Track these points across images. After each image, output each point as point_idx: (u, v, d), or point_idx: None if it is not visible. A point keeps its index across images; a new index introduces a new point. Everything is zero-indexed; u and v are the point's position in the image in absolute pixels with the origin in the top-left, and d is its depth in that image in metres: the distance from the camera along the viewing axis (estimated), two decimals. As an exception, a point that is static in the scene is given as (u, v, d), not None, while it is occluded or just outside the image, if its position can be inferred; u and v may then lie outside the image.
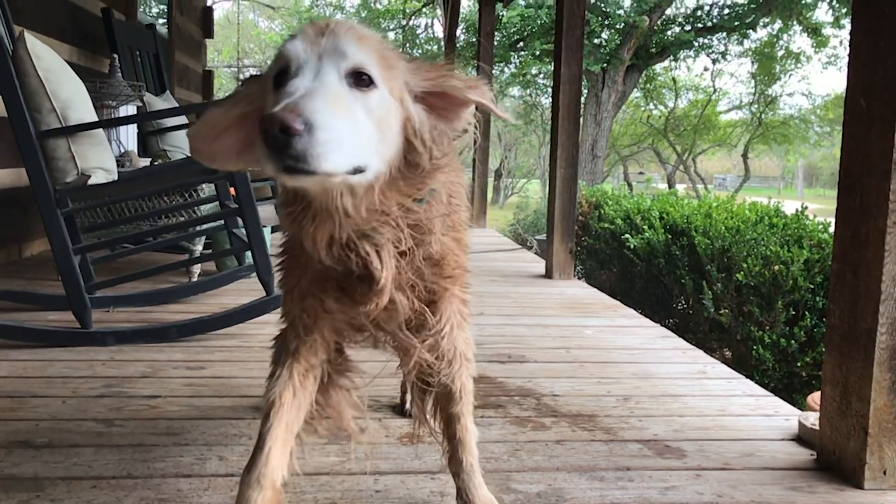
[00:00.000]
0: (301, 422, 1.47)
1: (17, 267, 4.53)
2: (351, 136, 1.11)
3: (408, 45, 20.99)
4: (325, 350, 1.48)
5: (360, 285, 1.33)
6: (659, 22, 16.97)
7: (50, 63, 2.97)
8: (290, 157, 1.03)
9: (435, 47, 20.11)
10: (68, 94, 3.02)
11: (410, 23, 21.08)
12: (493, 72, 8.57)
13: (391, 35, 21.46)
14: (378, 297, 1.33)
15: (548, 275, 4.98)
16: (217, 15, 10.59)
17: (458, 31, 12.42)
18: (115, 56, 5.04)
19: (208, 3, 10.13)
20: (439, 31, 19.84)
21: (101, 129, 3.23)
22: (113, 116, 4.71)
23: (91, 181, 3.00)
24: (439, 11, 15.08)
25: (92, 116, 3.20)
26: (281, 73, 1.17)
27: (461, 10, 10.70)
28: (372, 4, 21.40)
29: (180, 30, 8.32)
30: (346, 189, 1.17)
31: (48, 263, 4.08)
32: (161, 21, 8.82)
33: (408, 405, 2.13)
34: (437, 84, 1.28)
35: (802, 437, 2.20)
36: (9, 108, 2.82)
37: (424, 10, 20.62)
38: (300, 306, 1.42)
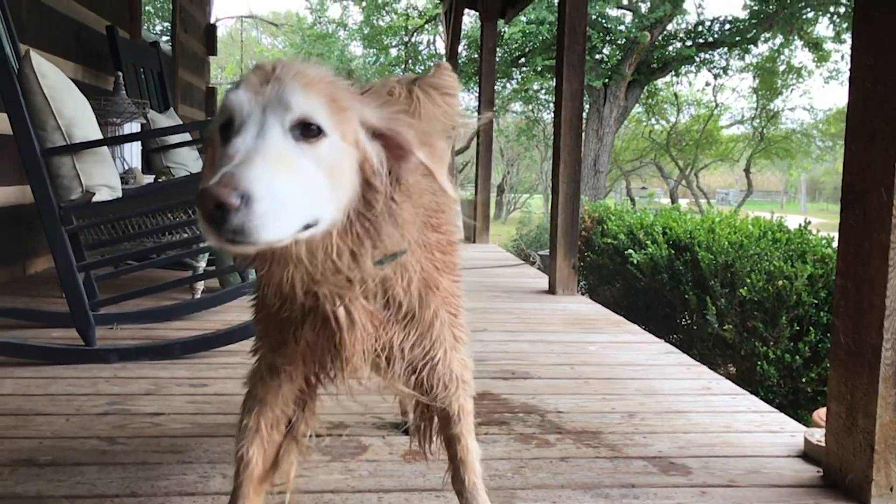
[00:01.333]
0: (270, 473, 1.49)
1: (22, 284, 4.53)
2: (296, 196, 1.06)
3: (410, 61, 21.11)
4: (293, 398, 1.46)
5: (327, 343, 1.31)
6: (660, 37, 17.05)
7: (55, 81, 2.99)
8: (228, 232, 0.98)
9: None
10: (73, 112, 3.03)
11: (412, 39, 21.21)
12: (496, 87, 8.60)
13: (393, 52, 21.62)
14: (345, 366, 1.32)
15: (551, 290, 4.97)
16: (220, 32, 10.66)
17: (460, 48, 12.48)
18: (119, 74, 5.07)
19: (211, 21, 10.20)
20: (441, 47, 19.95)
21: (105, 147, 3.24)
22: (117, 134, 4.74)
23: (95, 198, 3.01)
24: (441, 28, 15.18)
25: (96, 134, 3.22)
26: (226, 125, 1.13)
27: (463, 26, 10.76)
28: (374, 22, 21.54)
29: (184, 47, 8.37)
30: (299, 240, 1.12)
31: (52, 281, 4.09)
32: (165, 39, 8.90)
33: (408, 423, 2.10)
34: (389, 128, 1.22)
35: (808, 454, 2.18)
36: (14, 126, 2.84)
37: (426, 26, 20.76)
38: (267, 345, 1.43)
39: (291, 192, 1.06)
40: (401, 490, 1.90)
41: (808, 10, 16.98)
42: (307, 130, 1.11)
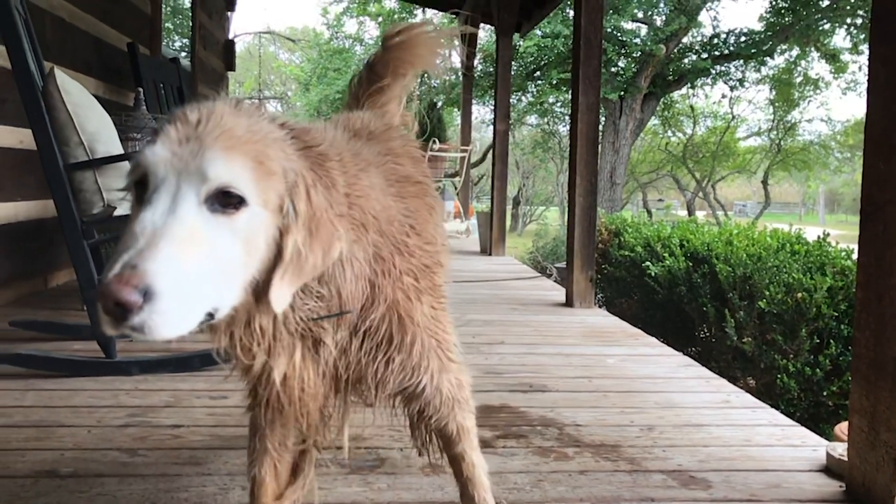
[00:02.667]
0: (287, 488, 1.51)
1: (43, 297, 4.58)
2: (204, 281, 1.00)
3: (426, 75, 21.18)
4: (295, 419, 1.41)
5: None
6: (676, 50, 17.06)
7: (78, 97, 3.04)
8: (129, 328, 0.94)
9: (453, 77, 20.28)
10: (95, 128, 3.08)
11: (428, 54, 21.27)
12: (511, 100, 8.61)
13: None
14: (302, 416, 1.31)
15: (568, 303, 4.96)
16: (238, 48, 10.76)
17: (476, 62, 12.54)
18: (140, 90, 5.13)
19: (230, 37, 10.31)
20: (457, 61, 20.01)
21: (126, 162, 3.28)
22: (138, 149, 4.79)
23: (116, 212, 3.05)
24: (457, 42, 15.20)
25: (118, 149, 3.26)
26: (141, 182, 1.07)
27: (479, 40, 10.81)
28: (390, 36, 21.64)
29: (203, 63, 8.47)
30: None
31: (73, 293, 4.13)
32: (184, 55, 9.00)
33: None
34: (291, 197, 1.12)
35: (830, 469, 2.16)
36: (38, 142, 2.89)
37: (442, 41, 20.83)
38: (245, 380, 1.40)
39: (199, 278, 1.00)
40: (419, 503, 1.90)
41: (825, 21, 16.93)
42: (227, 199, 1.04)
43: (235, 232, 1.04)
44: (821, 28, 17.19)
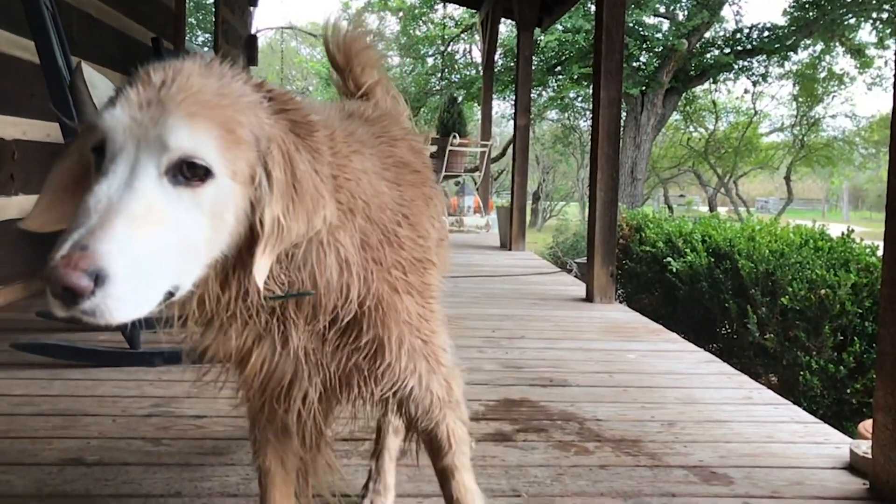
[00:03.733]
0: (301, 477, 1.46)
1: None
2: (162, 261, 0.93)
3: (446, 70, 21.19)
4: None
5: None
6: (698, 45, 16.90)
7: (104, 92, 3.07)
8: (79, 312, 0.87)
9: (473, 72, 20.28)
10: (121, 122, 3.11)
11: (449, 49, 21.30)
12: (531, 95, 8.59)
13: (430, 61, 21.71)
14: (268, 400, 1.25)
15: (588, 298, 4.95)
16: (261, 43, 10.82)
17: (497, 56, 12.51)
18: (164, 84, 5.18)
19: (252, 32, 10.37)
20: (478, 56, 20.01)
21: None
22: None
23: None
24: (478, 37, 15.24)
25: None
26: (98, 149, 0.98)
27: (499, 35, 10.79)
28: (411, 31, 21.69)
29: (226, 57, 8.52)
30: None
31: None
32: (207, 49, 9.05)
33: (381, 447, 1.87)
34: (266, 164, 1.04)
35: (854, 466, 2.14)
36: (66, 136, 2.93)
37: (463, 36, 20.84)
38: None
39: (157, 257, 0.92)
40: (439, 496, 1.89)
41: (850, 16, 16.70)
42: (191, 171, 0.95)
43: (200, 206, 0.96)
44: (846, 22, 16.96)
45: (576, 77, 17.52)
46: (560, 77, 18.55)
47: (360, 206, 1.16)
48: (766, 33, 17.09)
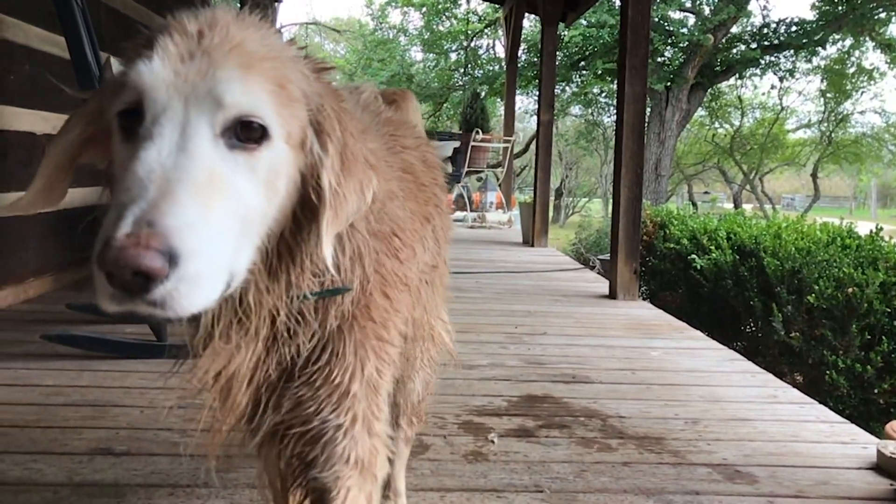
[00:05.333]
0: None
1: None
2: (228, 238, 0.82)
3: (470, 65, 21.16)
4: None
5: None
6: (724, 40, 16.74)
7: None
8: (146, 303, 0.75)
9: (497, 67, 20.22)
10: (149, 117, 3.15)
11: (472, 44, 21.27)
12: (555, 90, 8.54)
13: (453, 56, 21.70)
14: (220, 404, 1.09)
15: (612, 295, 4.93)
16: (285, 38, 10.82)
17: (520, 51, 12.47)
18: (190, 79, 5.23)
19: (277, 27, 10.42)
20: (501, 51, 19.96)
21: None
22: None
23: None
24: (501, 32, 15.21)
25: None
26: (129, 112, 0.85)
27: (523, 30, 10.75)
28: (435, 27, 21.68)
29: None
30: None
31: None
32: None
33: None
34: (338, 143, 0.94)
35: (881, 467, 2.12)
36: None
37: (486, 31, 20.79)
38: None
39: (223, 234, 0.81)
40: (462, 490, 1.92)
41: (881, 10, 16.41)
42: (247, 132, 0.85)
43: (256, 172, 0.85)
44: (876, 17, 16.68)
45: (600, 72, 17.41)
46: (584, 72, 18.45)
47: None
48: (793, 28, 16.88)
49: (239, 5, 8.58)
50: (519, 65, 12.32)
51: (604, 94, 20.58)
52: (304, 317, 1.02)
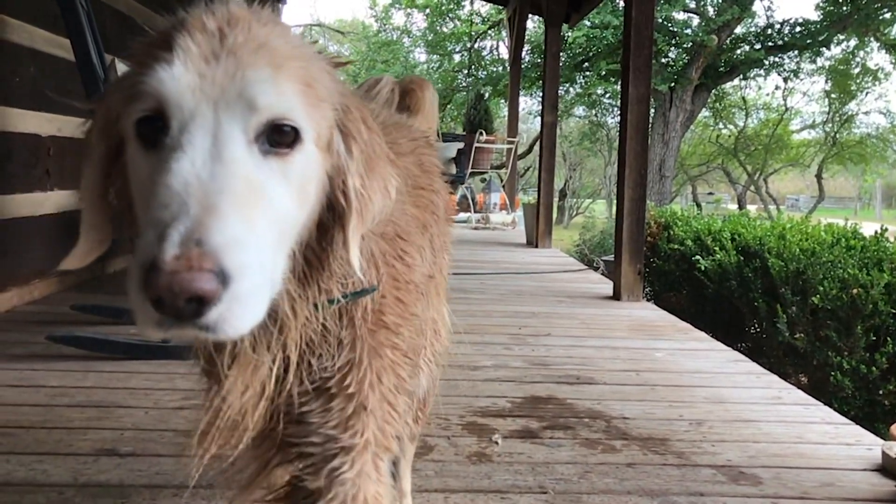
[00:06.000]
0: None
1: (102, 282, 4.72)
2: (268, 251, 0.78)
3: (473, 66, 21.17)
4: None
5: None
6: (728, 41, 16.71)
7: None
8: (197, 328, 0.70)
9: (500, 68, 20.23)
10: (153, 118, 3.15)
11: (476, 45, 21.28)
12: (559, 91, 8.53)
13: (457, 58, 21.71)
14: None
15: (616, 296, 4.92)
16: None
17: (524, 53, 12.47)
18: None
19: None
20: (505, 52, 19.96)
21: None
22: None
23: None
24: (505, 33, 15.22)
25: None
26: (148, 120, 0.80)
27: (527, 31, 10.75)
28: (438, 28, 21.69)
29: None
30: None
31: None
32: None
33: None
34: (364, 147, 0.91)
35: (886, 468, 2.12)
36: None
37: (490, 32, 20.80)
38: None
39: (265, 248, 0.77)
40: (466, 491, 1.92)
41: (885, 10, 16.38)
42: (279, 135, 0.81)
43: (289, 178, 0.82)
44: (881, 17, 16.64)
45: (603, 73, 17.41)
46: (588, 73, 18.45)
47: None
48: (798, 29, 16.85)
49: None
50: (522, 66, 12.32)
51: (607, 95, 20.57)
52: (329, 324, 0.99)
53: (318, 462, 1.06)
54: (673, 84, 16.14)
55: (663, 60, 16.29)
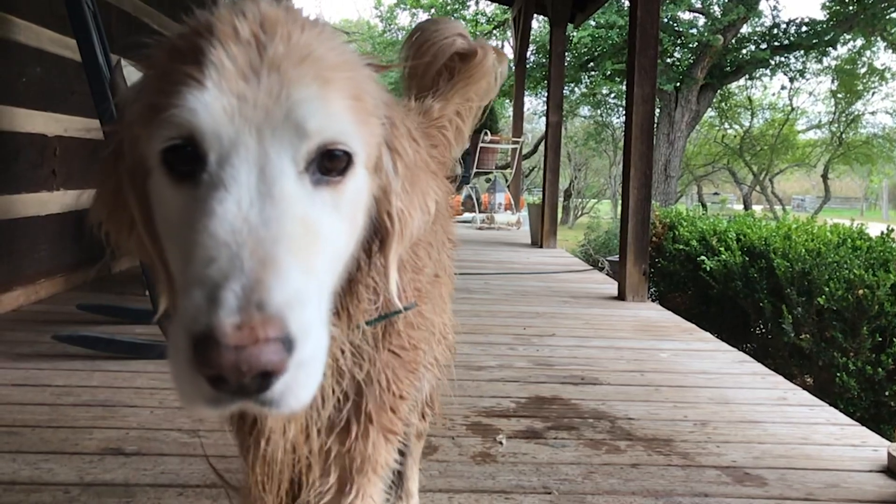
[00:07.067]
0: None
1: (107, 282, 4.73)
2: (323, 295, 0.70)
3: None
4: None
5: None
6: (733, 40, 16.68)
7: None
8: (259, 403, 0.62)
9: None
10: (159, 118, 3.16)
11: (481, 45, 21.22)
12: (564, 91, 8.52)
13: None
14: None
15: (620, 296, 4.92)
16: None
17: (529, 53, 12.46)
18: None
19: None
20: (509, 52, 19.94)
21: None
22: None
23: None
24: (510, 33, 15.20)
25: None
26: (177, 149, 0.69)
27: (532, 31, 10.75)
28: (443, 28, 21.64)
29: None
30: None
31: (136, 279, 4.27)
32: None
33: None
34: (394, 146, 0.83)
35: (892, 469, 2.11)
36: (105, 131, 2.98)
37: (495, 31, 20.79)
38: None
39: (322, 292, 0.69)
40: (470, 491, 1.92)
41: (892, 10, 16.32)
42: (330, 162, 0.71)
43: (339, 208, 0.72)
44: (888, 17, 16.59)
45: (608, 73, 17.39)
46: (593, 73, 18.44)
47: None
48: (804, 28, 16.81)
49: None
50: (527, 66, 12.32)
51: (613, 95, 20.55)
52: (360, 349, 0.92)
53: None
54: (678, 84, 16.12)
55: (669, 60, 16.27)
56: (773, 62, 17.69)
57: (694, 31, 16.40)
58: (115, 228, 0.84)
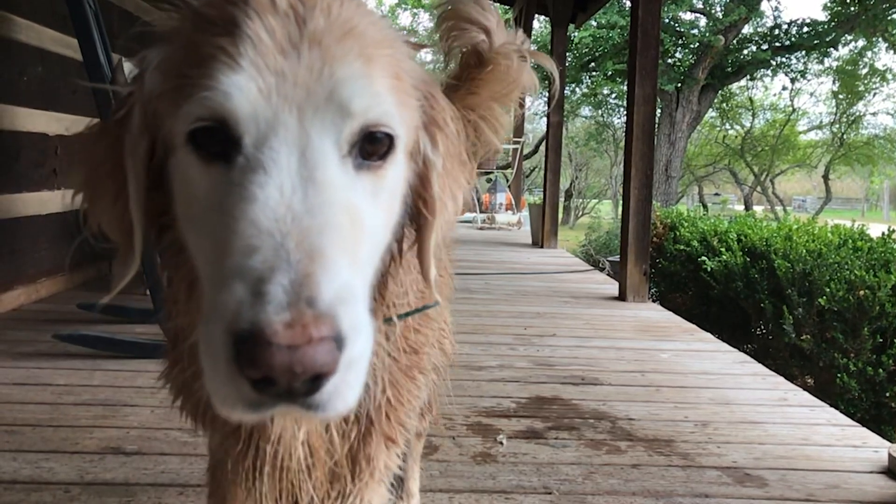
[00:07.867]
0: None
1: (107, 281, 4.73)
2: (365, 289, 0.66)
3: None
4: None
5: None
6: (735, 41, 16.66)
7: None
8: (304, 406, 0.58)
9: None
10: (160, 118, 3.16)
11: (482, 45, 21.22)
12: (565, 92, 8.52)
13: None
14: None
15: (621, 297, 4.91)
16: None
17: (530, 53, 12.42)
18: (201, 81, 5.25)
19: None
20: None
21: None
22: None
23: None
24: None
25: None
26: (210, 130, 0.64)
27: (533, 31, 10.74)
28: (444, 27, 21.66)
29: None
30: None
31: (137, 278, 4.26)
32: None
33: None
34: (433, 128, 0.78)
35: (893, 470, 2.11)
36: (106, 131, 2.98)
37: (496, 32, 20.76)
38: None
39: (366, 285, 0.66)
40: (471, 491, 1.92)
41: (894, 10, 16.31)
42: (372, 145, 0.67)
43: (378, 195, 0.69)
44: (889, 18, 16.58)
45: (610, 74, 17.39)
46: (594, 74, 18.43)
47: None
48: (805, 29, 16.80)
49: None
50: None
51: (614, 96, 20.54)
52: (383, 347, 0.87)
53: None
54: (679, 84, 16.11)
55: (670, 60, 16.26)
56: (774, 63, 17.68)
57: (695, 31, 16.39)
58: (95, 195, 0.79)
